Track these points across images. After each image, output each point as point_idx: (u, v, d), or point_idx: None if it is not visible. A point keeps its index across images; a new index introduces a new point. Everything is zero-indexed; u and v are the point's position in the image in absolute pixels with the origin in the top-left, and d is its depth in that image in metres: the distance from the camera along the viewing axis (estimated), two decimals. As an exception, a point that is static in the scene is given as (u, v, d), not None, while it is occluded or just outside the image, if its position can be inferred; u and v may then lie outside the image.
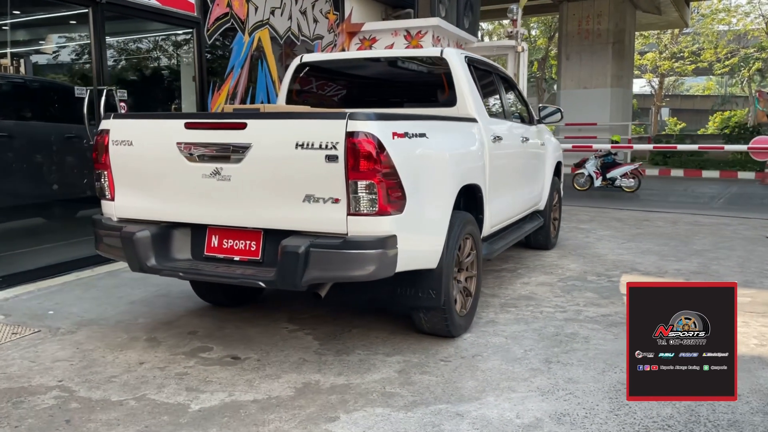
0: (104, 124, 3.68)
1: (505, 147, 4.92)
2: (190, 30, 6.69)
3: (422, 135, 3.53)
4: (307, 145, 3.13)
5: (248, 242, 3.48)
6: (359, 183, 3.10)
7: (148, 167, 3.57)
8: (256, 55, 7.63)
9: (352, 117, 3.09)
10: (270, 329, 4.26)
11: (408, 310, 4.00)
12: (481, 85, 4.87)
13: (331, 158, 3.10)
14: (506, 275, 5.72)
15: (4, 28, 5.89)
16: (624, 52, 21.64)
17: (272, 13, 7.86)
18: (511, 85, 5.86)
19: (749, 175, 18.03)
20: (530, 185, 5.84)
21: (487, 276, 5.68)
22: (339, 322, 4.38)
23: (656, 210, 10.10)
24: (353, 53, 6.29)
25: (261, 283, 3.27)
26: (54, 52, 6.36)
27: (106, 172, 3.69)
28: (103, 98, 5.58)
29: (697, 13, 34.48)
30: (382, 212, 3.13)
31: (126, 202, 3.68)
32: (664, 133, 35.38)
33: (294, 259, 3.14)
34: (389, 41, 9.38)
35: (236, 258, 3.51)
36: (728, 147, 16.83)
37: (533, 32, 40.74)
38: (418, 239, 3.46)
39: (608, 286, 5.34)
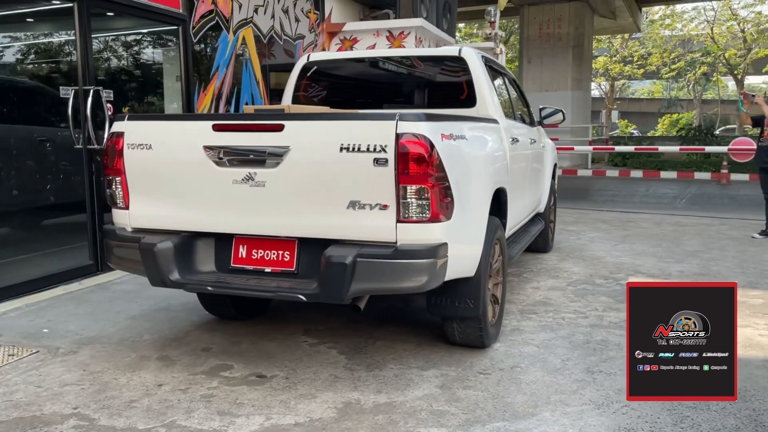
0: (118, 126, 3.37)
1: (521, 149, 4.80)
2: (176, 27, 6.36)
3: (463, 137, 3.36)
4: (353, 147, 2.92)
5: (281, 252, 3.23)
6: (410, 188, 2.90)
7: (169, 173, 3.28)
8: (241, 54, 7.33)
9: (402, 118, 2.90)
10: (288, 343, 4.02)
11: (441, 320, 3.82)
12: (495, 86, 4.73)
13: (380, 162, 2.90)
14: (513, 279, 5.60)
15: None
16: (583, 55, 22.02)
17: (255, 11, 7.57)
18: (516, 86, 5.75)
19: (705, 175, 18.53)
20: (536, 188, 5.75)
21: (494, 281, 5.55)
22: (359, 334, 4.17)
23: (636, 211, 10.21)
24: (365, 52, 6.08)
25: (301, 297, 3.04)
26: (35, 50, 5.93)
27: (119, 179, 3.38)
28: (90, 99, 5.22)
29: (647, 18, 35.36)
30: (434, 219, 2.95)
31: (142, 210, 3.38)
32: (616, 135, 36.23)
33: (341, 271, 2.92)
34: (371, 42, 9.18)
35: (267, 269, 3.26)
36: (709, 149, 17.35)
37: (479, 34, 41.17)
38: (463, 246, 3.29)
39: (619, 289, 5.27)
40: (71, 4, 5.14)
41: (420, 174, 2.89)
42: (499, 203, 4.24)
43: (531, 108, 6.13)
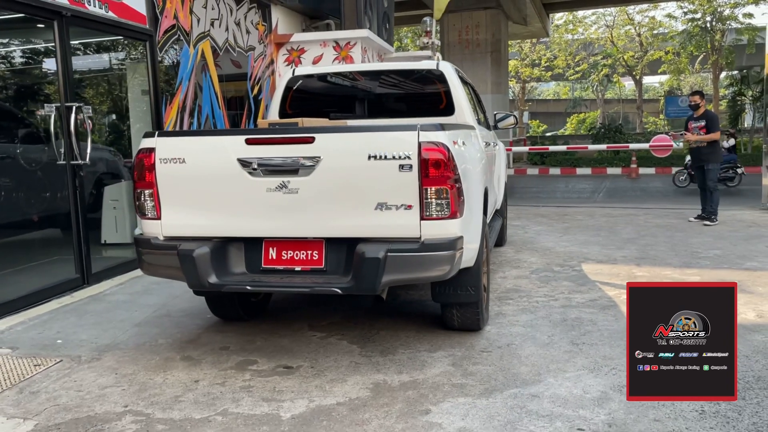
0: (147, 143, 3.60)
1: (489, 151, 5.32)
2: (143, 42, 6.49)
3: (464, 143, 3.82)
4: (380, 156, 3.31)
5: (310, 252, 3.57)
6: (432, 189, 3.32)
7: (203, 184, 3.55)
8: (201, 67, 7.51)
9: (423, 128, 3.32)
10: (299, 338, 4.34)
11: (441, 307, 4.25)
12: (466, 95, 5.23)
13: (405, 167, 3.30)
14: (481, 272, 6.11)
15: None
16: (501, 60, 23.13)
17: (212, 24, 7.76)
18: (477, 95, 6.28)
19: (616, 170, 19.97)
20: (497, 185, 6.29)
21: (464, 274, 6.04)
22: (362, 327, 4.53)
23: (568, 205, 11.04)
24: (348, 66, 6.42)
25: (337, 290, 3.39)
26: (13, 68, 5.93)
27: (149, 191, 3.62)
28: (73, 115, 5.32)
29: (552, 23, 37.30)
30: (452, 215, 3.38)
31: (175, 219, 3.63)
32: (529, 134, 37.98)
33: (374, 264, 3.30)
34: (318, 52, 9.52)
35: (297, 268, 3.59)
36: (633, 146, 18.59)
37: (405, 41, 42.15)
38: (470, 239, 3.74)
39: (576, 275, 5.88)
40: (51, 21, 5.23)
41: (440, 177, 3.32)
42: (484, 200, 4.73)
43: (486, 113, 6.68)
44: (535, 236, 7.97)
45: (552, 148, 20.73)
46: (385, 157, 3.31)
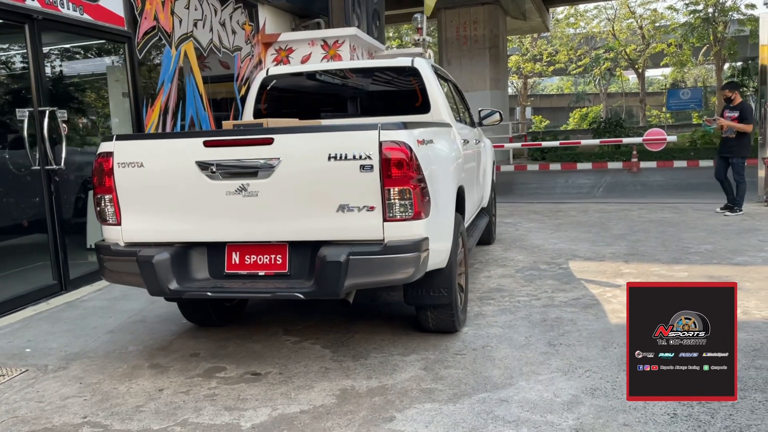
0: (106, 147, 3.52)
1: (470, 149, 5.22)
2: (122, 45, 6.42)
3: (431, 141, 3.72)
4: (341, 156, 3.22)
5: (273, 256, 3.49)
6: (394, 190, 3.23)
7: (162, 188, 3.47)
8: (184, 69, 7.44)
9: (383, 127, 3.22)
10: (273, 343, 4.25)
11: (416, 310, 4.15)
12: (444, 92, 5.13)
13: (366, 168, 3.21)
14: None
15: None
16: (499, 56, 22.96)
17: (195, 25, 7.69)
18: (459, 91, 6.17)
19: (618, 164, 19.77)
20: (481, 183, 6.19)
21: (449, 273, 5.95)
22: (337, 330, 4.45)
23: (563, 201, 10.92)
24: (323, 65, 6.33)
25: (299, 295, 3.31)
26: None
27: (110, 196, 3.54)
28: (46, 120, 5.25)
29: (553, 18, 37.09)
30: (416, 216, 3.28)
31: (135, 225, 3.55)
32: (531, 130, 37.80)
33: (336, 268, 3.21)
34: (306, 51, 9.44)
35: (261, 273, 3.51)
36: (626, 140, 18.53)
37: (406, 39, 42.08)
38: (438, 240, 3.64)
39: (562, 272, 5.78)
40: (22, 25, 5.16)
41: (402, 177, 3.22)
42: (459, 199, 4.63)
43: (471, 110, 6.57)
44: (526, 234, 7.86)
45: (544, 144, 20.54)
46: (346, 157, 3.22)
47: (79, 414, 3.30)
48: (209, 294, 3.43)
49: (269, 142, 3.30)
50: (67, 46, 6.21)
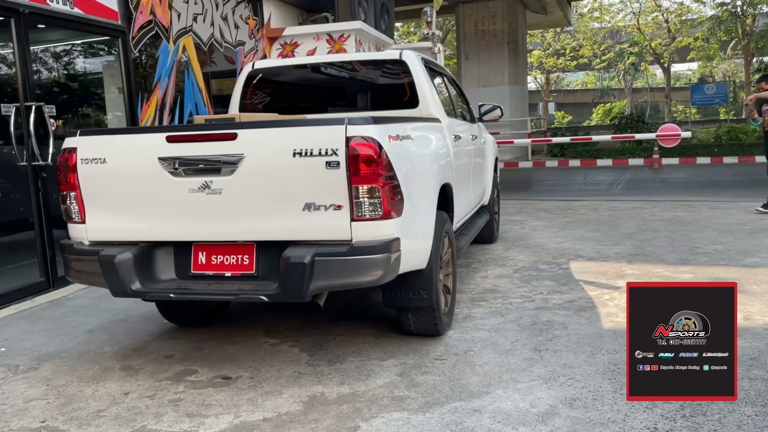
0: (69, 143, 3.42)
1: (463, 145, 5.03)
2: (115, 39, 6.34)
3: (408, 137, 3.55)
4: (306, 152, 3.07)
5: (240, 257, 3.35)
6: (362, 188, 3.07)
7: (125, 185, 3.36)
8: (182, 64, 7.35)
9: (351, 122, 3.06)
10: (250, 345, 4.13)
11: (397, 312, 3.99)
12: (435, 85, 4.95)
13: (332, 164, 3.05)
14: (463, 270, 5.83)
15: None
16: (518, 50, 22.62)
17: (195, 19, 7.59)
18: (456, 85, 5.98)
19: (638, 161, 19.34)
20: (479, 181, 6.00)
21: (444, 273, 5.77)
22: (319, 332, 4.31)
23: (575, 198, 10.65)
24: (309, 58, 6.20)
25: (263, 298, 3.17)
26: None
27: (73, 194, 3.44)
28: (32, 115, 5.19)
29: (576, 12, 36.51)
30: (386, 216, 3.12)
31: (100, 224, 3.44)
32: (553, 126, 37.30)
33: (300, 270, 3.06)
34: (311, 46, 9.30)
35: (228, 274, 3.37)
36: (639, 136, 18.22)
37: (425, 32, 41.65)
38: (414, 241, 3.48)
39: (562, 273, 5.56)
40: (7, 19, 5.09)
41: (370, 174, 3.06)
42: (445, 198, 4.46)
43: (471, 105, 6.38)
44: (531, 232, 7.64)
45: (554, 140, 20.19)
46: (311, 153, 3.07)
47: (38, 418, 3.21)
48: (171, 296, 3.31)
49: (233, 137, 3.16)
50: (58, 40, 6.14)
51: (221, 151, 3.17)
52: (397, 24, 37.56)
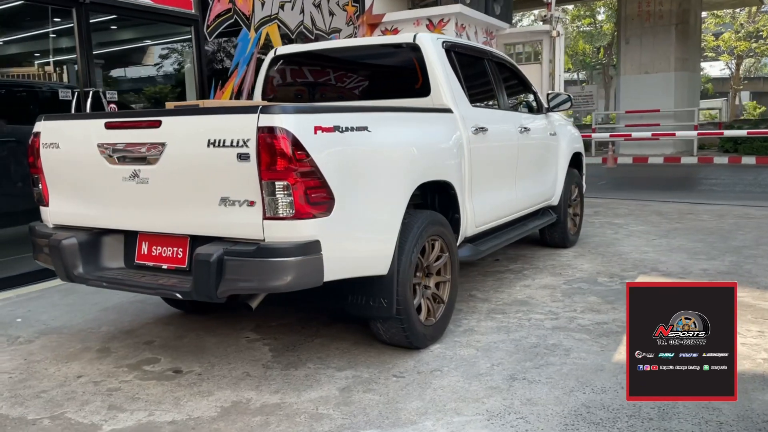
0: (36, 126, 3.51)
1: (492, 139, 4.48)
2: (188, 28, 6.54)
3: (362, 128, 3.18)
4: (219, 142, 2.85)
5: (175, 249, 3.23)
6: (275, 184, 2.79)
7: (74, 171, 3.39)
8: (264, 52, 7.42)
9: (264, 111, 2.79)
10: (230, 339, 4.02)
11: (362, 319, 3.66)
12: (467, 72, 4.46)
13: (243, 157, 2.81)
14: (509, 277, 5.28)
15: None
16: (689, 33, 20.36)
17: (281, 7, 7.64)
18: (512, 71, 5.38)
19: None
20: (534, 179, 5.37)
21: (487, 278, 5.26)
22: (305, 332, 4.10)
23: (705, 202, 9.30)
24: (326, 43, 5.98)
25: (178, 295, 3.02)
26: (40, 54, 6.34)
27: (38, 177, 3.53)
28: (89, 100, 5.49)
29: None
30: (301, 215, 2.81)
31: (60, 208, 3.51)
32: (742, 118, 33.29)
33: (206, 269, 2.86)
34: (412, 31, 8.98)
35: (164, 266, 3.27)
36: None
37: (599, 17, 39.31)
38: (356, 244, 3.13)
39: (617, 289, 4.81)
40: (70, 9, 5.41)
41: (283, 169, 2.77)
42: (449, 198, 4.01)
43: (539, 94, 5.73)
44: (622, 238, 6.74)
45: (727, 132, 17.87)
46: (224, 143, 2.84)
47: (-12, 391, 3.35)
48: (104, 285, 3.28)
49: (157, 125, 3.03)
50: (130, 29, 6.45)
51: (146, 138, 3.06)
52: (569, 6, 35.68)
